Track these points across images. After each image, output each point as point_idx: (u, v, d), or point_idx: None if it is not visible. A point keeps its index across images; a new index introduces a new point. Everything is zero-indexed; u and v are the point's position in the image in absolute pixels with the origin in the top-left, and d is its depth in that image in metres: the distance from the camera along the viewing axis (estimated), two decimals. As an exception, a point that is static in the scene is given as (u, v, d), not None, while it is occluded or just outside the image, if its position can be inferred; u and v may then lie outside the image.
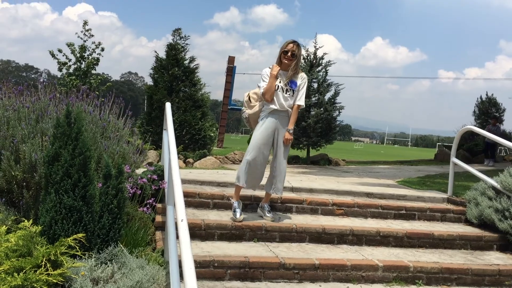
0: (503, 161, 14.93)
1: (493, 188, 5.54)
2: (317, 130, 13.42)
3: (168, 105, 5.36)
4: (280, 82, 4.85)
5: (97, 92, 10.57)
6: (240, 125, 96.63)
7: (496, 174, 5.68)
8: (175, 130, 11.34)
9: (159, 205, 4.82)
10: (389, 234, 5.03)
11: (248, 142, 5.09)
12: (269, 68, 4.93)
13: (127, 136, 4.80)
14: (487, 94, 17.20)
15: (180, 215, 2.87)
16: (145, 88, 15.47)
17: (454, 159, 6.42)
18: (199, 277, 3.85)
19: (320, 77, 13.82)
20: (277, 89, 4.83)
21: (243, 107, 5.21)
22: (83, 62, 14.47)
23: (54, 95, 4.35)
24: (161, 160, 5.84)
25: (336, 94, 13.92)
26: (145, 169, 4.84)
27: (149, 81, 16.26)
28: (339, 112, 14.02)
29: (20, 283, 2.64)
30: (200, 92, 14.00)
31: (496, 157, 14.38)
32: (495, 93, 17.42)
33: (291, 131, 4.85)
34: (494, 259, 4.87)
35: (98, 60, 14.72)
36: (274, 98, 4.82)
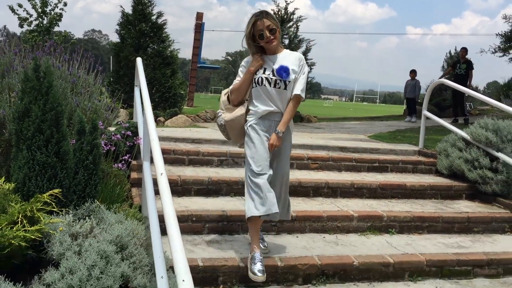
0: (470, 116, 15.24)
1: (463, 139, 5.68)
2: (289, 87, 13.39)
3: (139, 60, 5.21)
4: (264, 72, 3.42)
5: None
6: (209, 84, 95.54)
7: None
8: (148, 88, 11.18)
9: (134, 162, 4.76)
10: (363, 186, 5.13)
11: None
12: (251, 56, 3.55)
13: (98, 92, 4.66)
14: (455, 49, 17.44)
15: (159, 169, 2.84)
16: (111, 45, 15.01)
17: (425, 112, 6.53)
18: (178, 231, 3.84)
19: (291, 33, 13.68)
20: (261, 83, 3.40)
21: (219, 109, 3.64)
22: (45, 18, 13.86)
23: (20, 49, 4.15)
24: (134, 117, 5.73)
25: (308, 50, 13.84)
26: (118, 126, 4.73)
27: (114, 38, 15.75)
28: (311, 69, 14.00)
29: (-3, 240, 2.58)
30: (169, 49, 13.67)
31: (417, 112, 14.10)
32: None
33: (280, 134, 3.40)
34: (463, 207, 5.04)
35: (61, 15, 14.12)
36: (264, 96, 3.41)
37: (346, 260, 3.72)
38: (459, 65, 12.23)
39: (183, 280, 1.91)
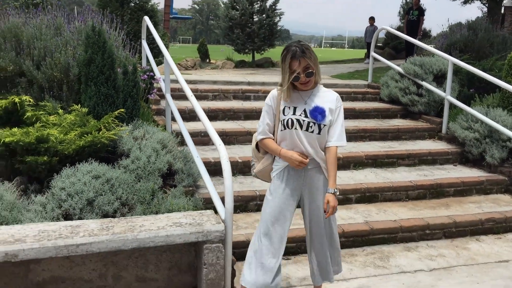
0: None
1: (399, 73, 7.39)
2: (261, 36, 14.81)
3: (147, 19, 6.66)
4: (295, 112, 2.92)
5: (50, 6, 11.30)
6: (177, 34, 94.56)
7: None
8: (131, 40, 12.45)
9: (151, 98, 6.29)
10: (323, 110, 6.81)
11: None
12: (278, 89, 3.01)
13: (122, 44, 6.09)
14: (411, -5, 18.95)
15: (188, 92, 4.44)
16: (97, 0, 15.95)
17: (372, 53, 8.21)
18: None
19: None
20: (291, 126, 2.91)
21: (252, 157, 3.33)
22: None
23: (67, 13, 5.53)
24: (143, 64, 7.18)
25: (277, 1, 15.19)
26: (140, 70, 6.21)
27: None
28: (280, 18, 15.40)
29: (91, 139, 4.14)
30: (150, 3, 14.77)
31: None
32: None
33: (337, 192, 2.96)
34: (397, 123, 6.82)
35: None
36: (293, 140, 2.93)
37: (310, 156, 5.43)
38: (412, 12, 13.68)
39: (220, 144, 3.54)
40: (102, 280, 3.23)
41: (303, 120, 2.89)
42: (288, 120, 2.91)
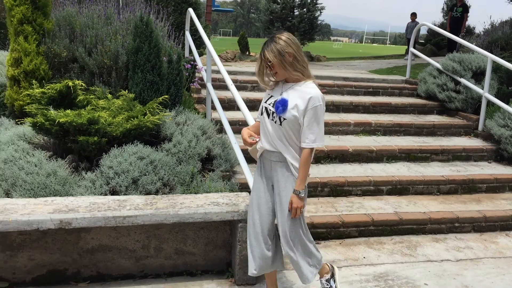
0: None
1: (437, 69, 7.41)
2: (301, 30, 14.93)
3: (191, 11, 6.92)
4: (268, 99, 2.99)
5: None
6: (218, 27, 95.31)
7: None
8: (175, 31, 12.83)
9: (193, 86, 6.56)
10: (359, 104, 6.93)
11: None
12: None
13: (167, 34, 6.38)
14: (455, -8, 18.58)
15: (228, 81, 4.66)
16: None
17: (412, 49, 8.24)
18: (230, 131, 5.69)
19: (303, -21, 15.04)
20: (261, 113, 3.04)
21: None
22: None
23: (117, 4, 5.86)
24: (186, 54, 7.47)
25: (318, -5, 15.28)
26: (183, 59, 6.48)
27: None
28: (320, 12, 15.46)
29: (137, 123, 4.43)
30: (194, -5, 15.10)
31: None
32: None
33: (301, 194, 2.92)
34: (432, 119, 6.86)
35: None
36: (262, 127, 3.03)
37: (343, 148, 5.58)
38: (456, 8, 13.49)
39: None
40: (145, 250, 3.51)
41: (270, 109, 2.92)
42: (260, 106, 3.04)
